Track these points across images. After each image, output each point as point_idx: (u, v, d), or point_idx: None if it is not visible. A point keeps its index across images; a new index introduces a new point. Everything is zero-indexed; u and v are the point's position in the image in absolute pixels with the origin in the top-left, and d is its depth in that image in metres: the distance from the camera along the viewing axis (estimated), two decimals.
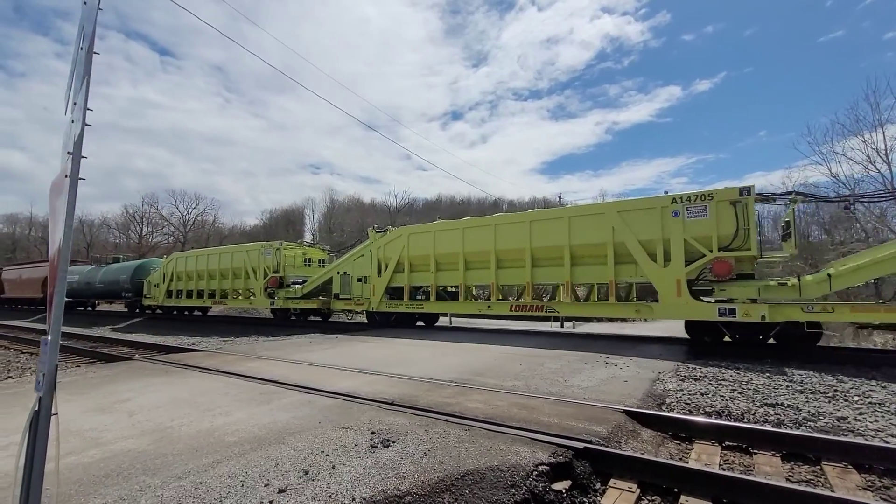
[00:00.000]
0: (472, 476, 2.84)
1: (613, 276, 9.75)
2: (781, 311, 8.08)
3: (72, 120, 1.66)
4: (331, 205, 59.15)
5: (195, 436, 3.66)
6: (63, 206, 1.51)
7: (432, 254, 12.52)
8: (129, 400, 4.87)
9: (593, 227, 10.04)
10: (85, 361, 8.66)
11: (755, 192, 8.48)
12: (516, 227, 11.24)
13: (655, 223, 9.20)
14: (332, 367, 6.56)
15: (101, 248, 54.39)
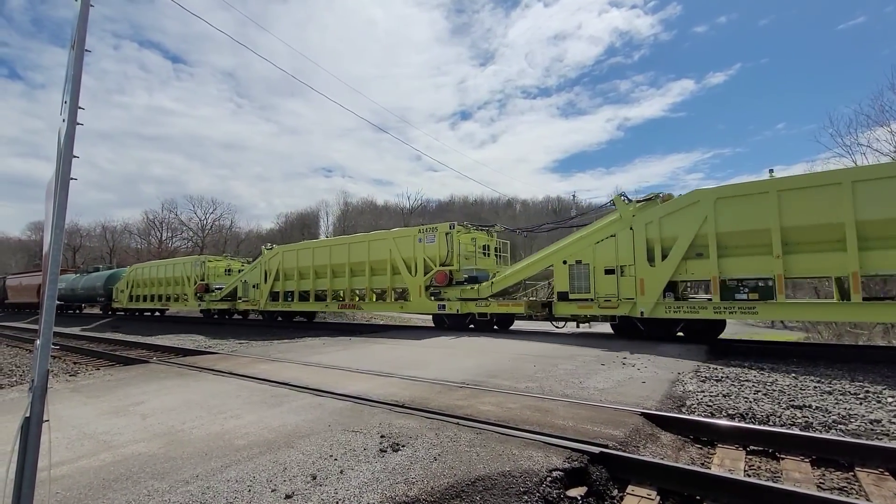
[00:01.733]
0: (483, 482, 2.74)
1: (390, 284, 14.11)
2: (466, 306, 12.20)
3: (63, 119, 1.63)
4: (345, 207, 59.70)
5: (205, 439, 3.65)
6: (52, 208, 1.48)
7: (296, 266, 16.30)
8: (142, 402, 4.91)
9: (381, 248, 14.10)
10: (104, 364, 8.83)
11: (459, 225, 13.17)
12: (341, 248, 15.36)
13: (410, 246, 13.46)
14: (345, 369, 6.53)
15: (123, 253, 55.83)
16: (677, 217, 9.09)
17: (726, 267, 8.47)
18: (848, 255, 7.26)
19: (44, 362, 1.46)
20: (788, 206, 7.88)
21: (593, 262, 10.20)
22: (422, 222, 43.36)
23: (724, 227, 8.48)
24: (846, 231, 7.28)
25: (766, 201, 8.04)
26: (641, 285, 9.41)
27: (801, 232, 7.79)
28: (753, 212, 8.17)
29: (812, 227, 7.67)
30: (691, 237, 8.80)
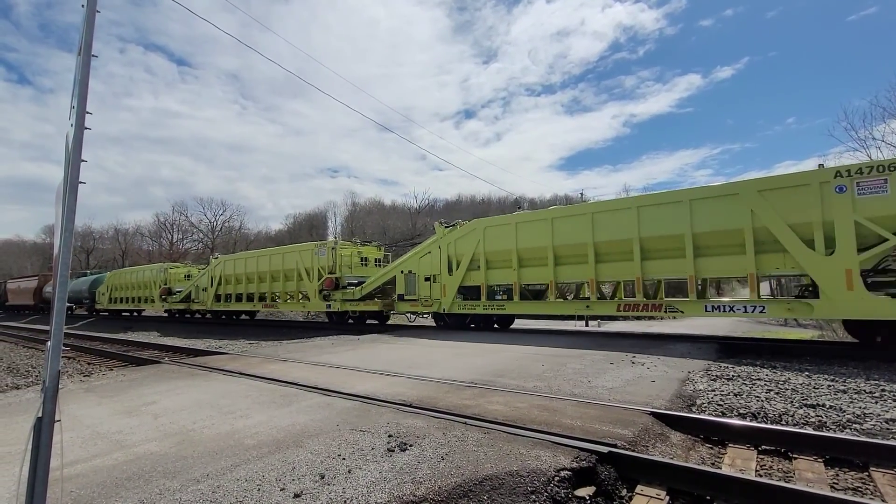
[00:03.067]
0: (491, 481, 2.74)
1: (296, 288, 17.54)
2: (344, 305, 15.42)
3: (71, 124, 1.66)
4: (352, 208, 59.95)
5: (215, 438, 3.68)
6: (61, 212, 1.50)
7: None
8: (154, 402, 4.97)
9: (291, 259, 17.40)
10: (117, 364, 8.97)
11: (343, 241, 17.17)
12: (263, 258, 18.53)
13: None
14: (353, 369, 6.56)
15: (136, 255, 56.61)
16: (464, 240, 12.45)
17: (491, 276, 11.93)
18: (588, 266, 10.18)
19: (55, 363, 1.48)
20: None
21: (418, 271, 13.55)
22: (429, 222, 43.36)
23: (490, 248, 11.86)
24: (588, 249, 10.18)
25: (510, 230, 11.49)
26: (444, 289, 12.77)
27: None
28: (504, 237, 11.60)
29: (536, 248, 11.11)
30: (471, 254, 12.19)
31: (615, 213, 9.92)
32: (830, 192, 7.61)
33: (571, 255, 10.58)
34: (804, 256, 7.73)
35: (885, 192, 7.28)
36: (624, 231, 9.64)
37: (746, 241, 8.27)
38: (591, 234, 10.11)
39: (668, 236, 9.18)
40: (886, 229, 7.20)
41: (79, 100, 1.50)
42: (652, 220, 9.37)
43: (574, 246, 10.43)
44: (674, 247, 9.12)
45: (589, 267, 10.17)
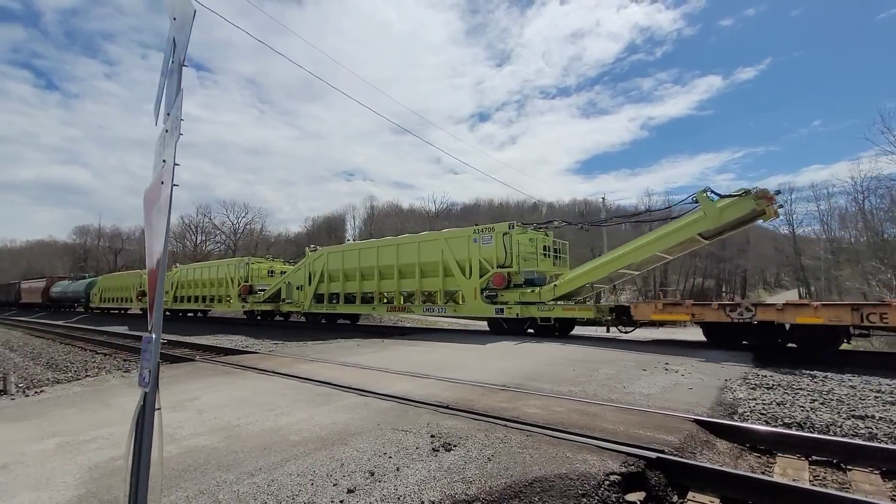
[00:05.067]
0: (540, 483, 2.75)
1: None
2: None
3: (165, 130, 1.75)
4: (370, 211, 60.54)
5: (261, 434, 3.78)
6: (162, 212, 1.59)
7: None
8: (196, 399, 5.12)
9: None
10: None
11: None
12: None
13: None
14: (383, 370, 6.62)
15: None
16: (317, 261, 17.28)
17: (335, 286, 16.61)
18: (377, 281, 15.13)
19: (156, 355, 1.56)
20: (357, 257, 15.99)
21: (293, 282, 18.25)
22: (446, 225, 43.49)
23: (335, 266, 16.58)
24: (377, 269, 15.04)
25: (338, 255, 16.58)
26: (305, 295, 17.47)
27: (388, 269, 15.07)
28: (337, 260, 16.54)
29: (352, 268, 15.88)
30: (319, 271, 17.05)
31: (387, 248, 15.10)
32: (471, 241, 12.69)
33: (370, 273, 15.45)
34: (461, 279, 12.82)
35: (490, 242, 12.39)
36: (404, 258, 14.50)
37: (447, 268, 13.24)
38: (376, 260, 15.21)
39: (408, 264, 14.28)
40: (490, 264, 12.31)
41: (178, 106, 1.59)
42: (404, 254, 14.47)
43: (370, 267, 15.33)
44: (410, 271, 14.28)
45: (374, 282, 15.25)
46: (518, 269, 11.98)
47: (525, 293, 11.73)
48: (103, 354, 11.32)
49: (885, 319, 7.25)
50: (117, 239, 65.62)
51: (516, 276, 12.08)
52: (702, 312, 9.16)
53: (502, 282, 11.96)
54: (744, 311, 8.65)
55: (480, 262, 12.48)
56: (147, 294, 1.73)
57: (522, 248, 12.19)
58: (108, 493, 2.78)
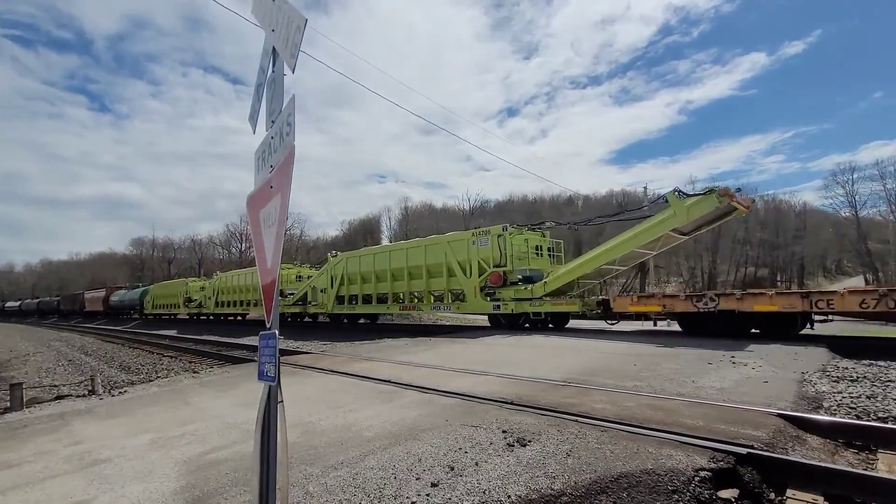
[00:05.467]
0: (627, 479, 2.69)
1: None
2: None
3: (271, 137, 1.83)
4: (405, 212, 61.21)
5: (335, 430, 3.90)
6: (272, 217, 1.66)
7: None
8: None
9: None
10: (215, 363, 9.73)
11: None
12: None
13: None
14: (437, 367, 6.68)
15: (210, 263, 61.16)
16: (337, 266, 18.48)
17: (354, 288, 17.75)
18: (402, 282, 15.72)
19: (276, 358, 1.64)
20: (372, 261, 17.00)
21: (317, 286, 19.84)
22: (481, 223, 43.34)
23: (353, 269, 17.65)
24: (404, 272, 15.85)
25: (356, 260, 17.61)
26: (328, 297, 18.73)
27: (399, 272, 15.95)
28: (355, 264, 17.52)
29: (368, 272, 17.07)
30: (341, 274, 18.12)
31: (398, 252, 16.12)
32: (470, 244, 13.55)
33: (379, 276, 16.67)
34: (462, 279, 13.61)
35: (486, 244, 13.10)
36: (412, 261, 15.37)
37: (450, 268, 14.03)
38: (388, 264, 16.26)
39: (416, 266, 15.25)
40: (487, 264, 13.06)
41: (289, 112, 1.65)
42: (412, 257, 15.41)
43: (383, 271, 16.44)
44: (418, 272, 15.19)
45: (387, 283, 16.30)
46: (512, 268, 12.80)
47: (519, 290, 12.44)
48: (169, 357, 12.04)
49: (831, 305, 8.12)
50: (169, 249, 69.73)
51: (511, 275, 12.84)
52: (672, 303, 9.98)
53: (498, 280, 12.81)
54: (708, 301, 9.40)
55: (479, 262, 13.42)
56: (263, 296, 1.81)
57: (516, 249, 13.00)
58: (205, 484, 2.95)
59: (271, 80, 1.90)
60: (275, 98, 1.84)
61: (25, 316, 62.30)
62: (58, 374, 12.00)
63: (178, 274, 59.27)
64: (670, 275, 37.18)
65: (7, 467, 3.48)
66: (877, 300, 7.67)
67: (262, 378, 1.75)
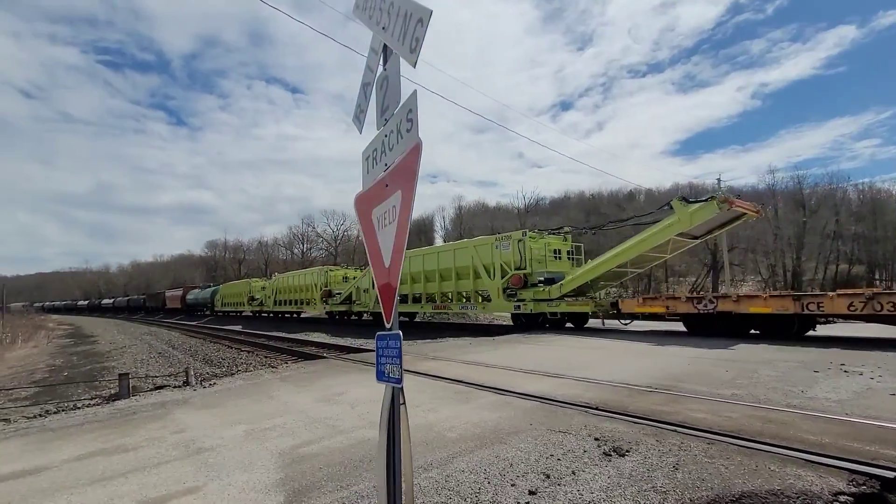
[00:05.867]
0: (751, 499, 2.42)
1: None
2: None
3: (385, 135, 1.82)
4: (458, 211, 61.40)
5: (417, 429, 3.88)
6: (393, 213, 1.63)
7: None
8: (343, 393, 5.49)
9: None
10: (290, 359, 10.23)
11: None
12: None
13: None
14: (507, 368, 6.55)
15: (275, 263, 64.90)
16: None
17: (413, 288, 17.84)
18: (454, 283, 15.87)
19: (400, 360, 1.61)
20: (408, 264, 16.22)
21: (361, 286, 20.44)
22: (537, 221, 42.47)
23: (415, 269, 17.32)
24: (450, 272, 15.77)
25: (407, 261, 15.95)
26: (370, 297, 19.33)
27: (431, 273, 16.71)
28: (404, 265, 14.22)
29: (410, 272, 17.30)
30: None
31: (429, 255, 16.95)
32: (494, 248, 14.04)
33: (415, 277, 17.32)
34: (487, 280, 14.14)
35: (508, 248, 13.57)
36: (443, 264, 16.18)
37: (476, 271, 14.71)
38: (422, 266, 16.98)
39: (446, 269, 16.04)
40: (509, 267, 13.43)
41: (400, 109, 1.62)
42: (443, 260, 16.24)
43: (418, 273, 17.14)
44: (448, 274, 16.00)
45: (421, 284, 17.17)
46: (531, 271, 13.37)
47: (538, 291, 12.99)
48: (246, 352, 12.84)
49: (821, 308, 8.34)
50: (239, 250, 74.81)
51: (532, 277, 13.37)
52: (675, 305, 10.37)
53: (519, 282, 13.33)
54: (707, 303, 9.79)
55: (502, 265, 14.11)
56: (381, 297, 1.79)
57: (536, 252, 13.70)
58: (302, 477, 3.03)
59: (382, 78, 1.88)
60: (388, 95, 1.81)
61: (118, 312, 69.58)
62: (151, 366, 13.21)
63: (248, 274, 63.41)
64: (747, 273, 34.27)
65: (125, 451, 3.80)
66: (864, 303, 7.87)
67: (382, 379, 1.73)
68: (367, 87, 2.06)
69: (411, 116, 1.61)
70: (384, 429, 1.66)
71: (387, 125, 1.83)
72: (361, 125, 2.15)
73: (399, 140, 1.68)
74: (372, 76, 1.99)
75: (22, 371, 16.33)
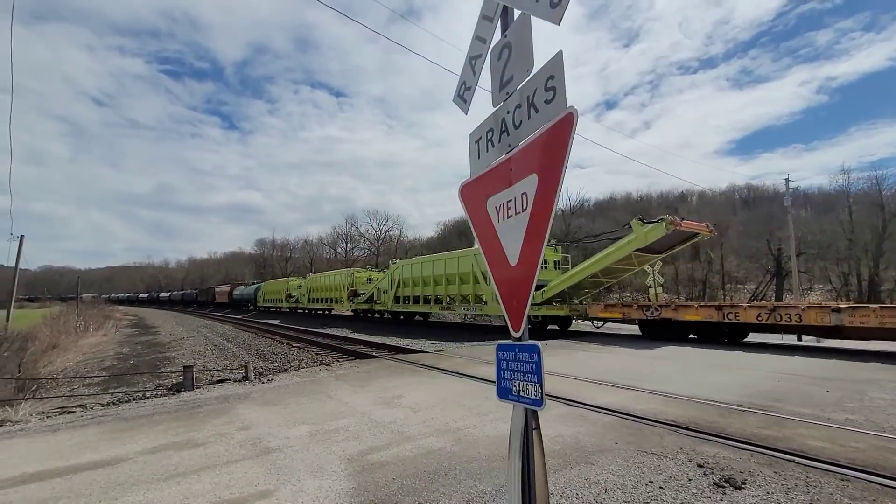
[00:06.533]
0: None
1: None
2: None
3: (507, 111, 1.57)
4: None
5: (489, 441, 3.63)
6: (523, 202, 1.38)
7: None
8: (401, 396, 5.32)
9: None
10: (341, 357, 10.26)
11: None
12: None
13: None
14: (571, 377, 6.17)
15: (319, 262, 66.81)
16: (397, 271, 21.28)
17: (406, 290, 20.46)
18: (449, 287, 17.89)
19: (540, 377, 1.36)
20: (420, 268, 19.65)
21: (381, 288, 22.57)
22: (582, 223, 41.08)
23: (406, 275, 20.38)
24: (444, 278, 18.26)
25: (408, 267, 20.35)
26: (388, 297, 21.65)
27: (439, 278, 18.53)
28: (408, 270, 20.39)
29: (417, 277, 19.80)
30: (398, 278, 20.87)
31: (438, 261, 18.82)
32: None
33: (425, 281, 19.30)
34: (483, 286, 15.70)
35: None
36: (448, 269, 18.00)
37: (475, 276, 16.26)
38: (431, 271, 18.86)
39: (451, 274, 17.78)
40: None
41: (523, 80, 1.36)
42: (448, 266, 18.04)
43: (425, 277, 19.25)
44: (453, 279, 17.68)
45: (430, 287, 18.96)
46: None
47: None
48: (297, 348, 13.07)
49: (737, 317, 9.46)
50: (286, 248, 77.60)
51: None
52: (629, 312, 11.69)
53: None
54: (653, 311, 11.06)
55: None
56: (501, 297, 1.55)
57: None
58: (376, 489, 2.85)
59: (500, 47, 1.64)
60: (512, 65, 1.57)
61: (174, 305, 74.26)
62: (208, 358, 13.73)
63: (293, 271, 65.65)
64: (815, 281, 31.54)
65: (194, 446, 3.78)
66: (768, 314, 9.11)
67: (509, 398, 1.49)
68: (475, 61, 1.82)
69: (554, 83, 1.36)
70: (517, 457, 1.41)
71: (508, 100, 1.59)
72: (467, 105, 1.91)
73: (532, 114, 1.44)
74: (483, 48, 1.75)
75: (94, 358, 17.51)
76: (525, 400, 1.41)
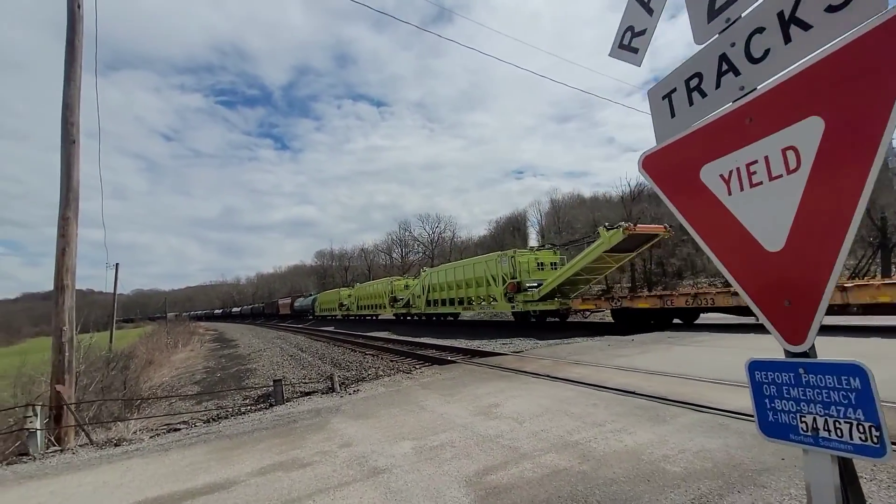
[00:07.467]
0: None
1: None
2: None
3: (730, 43, 1.18)
4: (552, 206, 58.93)
5: (619, 458, 3.18)
6: (794, 157, 0.98)
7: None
8: (498, 405, 4.97)
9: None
10: (418, 363, 10.13)
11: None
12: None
13: None
14: (681, 376, 5.53)
15: (377, 268, 68.47)
16: (428, 277, 24.81)
17: (435, 294, 24.10)
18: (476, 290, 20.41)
19: (879, 416, 0.95)
20: (444, 275, 23.40)
21: (415, 293, 26.28)
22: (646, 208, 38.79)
23: (434, 281, 24.15)
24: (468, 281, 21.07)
25: (437, 273, 24.20)
26: (421, 301, 25.21)
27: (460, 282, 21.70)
28: (437, 276, 24.13)
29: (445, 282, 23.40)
30: (428, 284, 24.58)
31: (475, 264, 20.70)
32: (498, 262, 18.58)
33: (450, 285, 22.38)
34: (494, 287, 18.57)
35: (505, 263, 18.08)
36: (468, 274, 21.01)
37: (488, 280, 19.20)
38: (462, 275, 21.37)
39: (469, 278, 20.79)
40: (507, 277, 17.69)
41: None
42: (467, 271, 21.15)
43: (450, 282, 22.36)
44: (470, 283, 20.80)
45: (454, 291, 22.29)
46: (520, 280, 17.40)
47: (526, 295, 16.80)
48: (371, 356, 13.18)
49: (672, 303, 11.37)
50: (344, 258, 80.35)
51: (524, 283, 17.22)
52: (600, 303, 13.87)
53: (514, 288, 17.25)
54: (615, 302, 13.07)
55: (502, 276, 18.27)
56: (749, 293, 1.15)
57: (525, 265, 18.02)
58: None
59: None
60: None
61: (244, 318, 79.40)
62: (286, 369, 14.21)
63: (353, 279, 67.79)
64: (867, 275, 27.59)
65: (301, 466, 3.66)
66: (692, 299, 10.73)
67: (790, 439, 1.07)
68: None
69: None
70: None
71: (732, 27, 1.18)
72: (640, 54, 1.52)
73: (797, 34, 1.01)
74: None
75: (185, 372, 18.83)
76: (838, 445, 0.99)
